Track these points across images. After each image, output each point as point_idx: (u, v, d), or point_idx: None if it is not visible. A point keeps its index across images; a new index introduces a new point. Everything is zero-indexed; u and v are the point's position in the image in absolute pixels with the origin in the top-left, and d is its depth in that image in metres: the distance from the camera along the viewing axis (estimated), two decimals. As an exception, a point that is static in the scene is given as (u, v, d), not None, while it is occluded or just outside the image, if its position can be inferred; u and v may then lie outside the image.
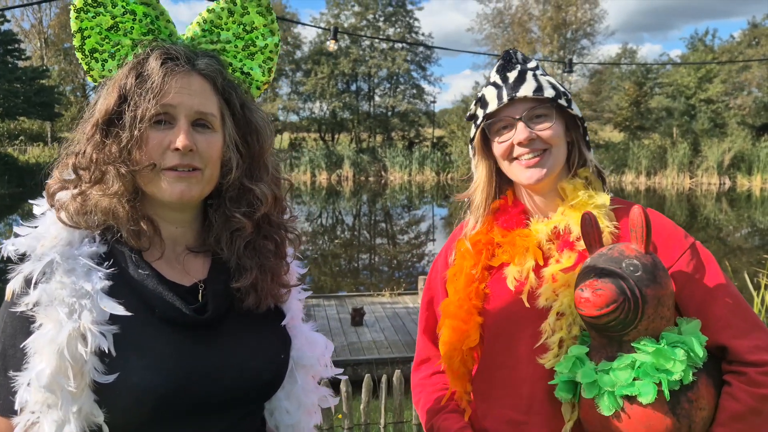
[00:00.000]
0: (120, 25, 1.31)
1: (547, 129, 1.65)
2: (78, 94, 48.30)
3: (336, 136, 50.61)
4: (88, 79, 1.36)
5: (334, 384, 1.49)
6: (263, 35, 1.40)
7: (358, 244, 23.09)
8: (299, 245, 1.50)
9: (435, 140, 48.78)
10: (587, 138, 1.74)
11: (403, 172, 43.11)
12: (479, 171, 1.80)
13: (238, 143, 1.34)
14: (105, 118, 1.23)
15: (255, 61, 1.42)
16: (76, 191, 1.25)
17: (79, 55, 1.33)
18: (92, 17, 1.30)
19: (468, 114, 1.79)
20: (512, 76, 1.69)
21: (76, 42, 1.32)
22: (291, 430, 1.45)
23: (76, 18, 1.30)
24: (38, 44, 49.10)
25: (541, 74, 1.70)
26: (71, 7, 1.31)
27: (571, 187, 1.71)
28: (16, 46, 37.27)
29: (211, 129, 1.29)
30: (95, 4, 1.29)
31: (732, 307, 1.56)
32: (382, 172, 43.63)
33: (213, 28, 1.37)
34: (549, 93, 1.64)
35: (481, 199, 1.80)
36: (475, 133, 1.76)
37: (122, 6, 1.30)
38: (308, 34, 50.94)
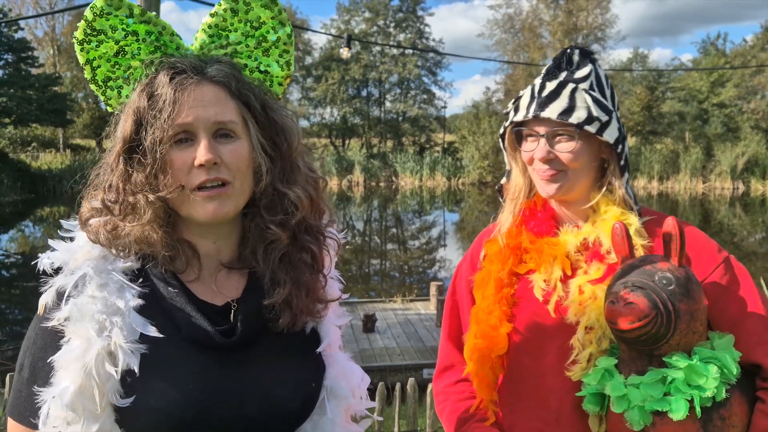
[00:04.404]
0: (126, 48, 1.26)
1: (567, 152, 1.62)
2: (90, 100, 48.67)
3: (347, 142, 50.72)
4: (108, 109, 1.31)
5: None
6: (273, 28, 1.32)
7: (369, 249, 23.09)
8: (339, 250, 1.44)
9: (446, 145, 48.82)
10: (622, 161, 1.66)
11: (414, 177, 43.18)
12: (512, 164, 1.79)
13: (266, 146, 1.27)
14: (125, 147, 1.19)
15: (271, 57, 1.35)
16: (107, 225, 1.22)
17: (93, 86, 1.30)
18: (96, 46, 1.26)
19: (505, 110, 1.77)
20: (549, 88, 1.64)
21: (87, 74, 1.29)
22: None
23: (81, 51, 1.26)
24: (51, 52, 49.60)
25: (587, 88, 1.64)
26: (74, 40, 1.26)
27: (604, 200, 1.67)
28: (30, 53, 37.65)
29: (234, 137, 1.22)
30: (95, 33, 1.24)
31: (766, 324, 1.53)
32: (393, 178, 43.71)
33: (220, 31, 1.30)
34: (578, 116, 1.59)
35: (516, 191, 1.79)
36: (504, 132, 1.75)
37: (122, 29, 1.25)
38: (318, 40, 51.19)
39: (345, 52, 12.12)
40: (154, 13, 1.26)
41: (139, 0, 6.49)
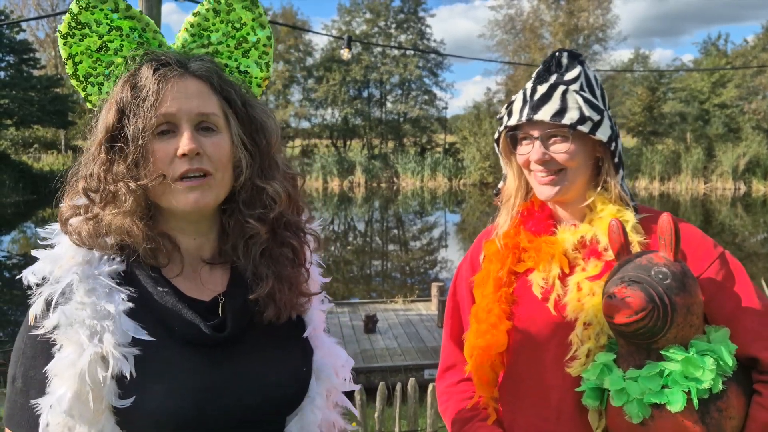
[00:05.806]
0: (109, 44, 1.28)
1: (562, 152, 1.64)
2: (92, 102, 48.60)
3: (348, 143, 50.64)
4: (87, 105, 1.32)
5: (347, 392, 1.42)
6: (254, 30, 1.35)
7: (370, 250, 23.09)
8: (320, 247, 1.45)
9: (447, 146, 48.77)
10: (616, 159, 1.67)
11: (415, 178, 43.14)
12: (508, 168, 1.81)
13: (246, 142, 1.29)
14: (107, 136, 1.20)
15: (251, 58, 1.38)
16: (88, 215, 1.22)
17: (74, 81, 1.31)
18: (80, 41, 1.27)
19: (498, 115, 1.79)
20: (540, 91, 1.66)
21: (68, 69, 1.29)
22: None
23: (64, 44, 1.27)
24: (53, 53, 49.63)
25: (577, 89, 1.66)
26: (57, 34, 1.28)
27: (600, 199, 1.69)
28: (31, 55, 37.61)
29: (216, 130, 1.24)
30: (80, 26, 1.26)
31: (762, 319, 1.54)
32: (394, 179, 43.69)
33: (201, 31, 1.33)
34: (570, 117, 1.61)
35: (511, 195, 1.80)
36: (499, 137, 1.77)
37: (107, 24, 1.26)
38: (320, 41, 51.19)
39: (345, 53, 12.14)
40: (139, 9, 1.28)
41: (140, 1, 6.50)
